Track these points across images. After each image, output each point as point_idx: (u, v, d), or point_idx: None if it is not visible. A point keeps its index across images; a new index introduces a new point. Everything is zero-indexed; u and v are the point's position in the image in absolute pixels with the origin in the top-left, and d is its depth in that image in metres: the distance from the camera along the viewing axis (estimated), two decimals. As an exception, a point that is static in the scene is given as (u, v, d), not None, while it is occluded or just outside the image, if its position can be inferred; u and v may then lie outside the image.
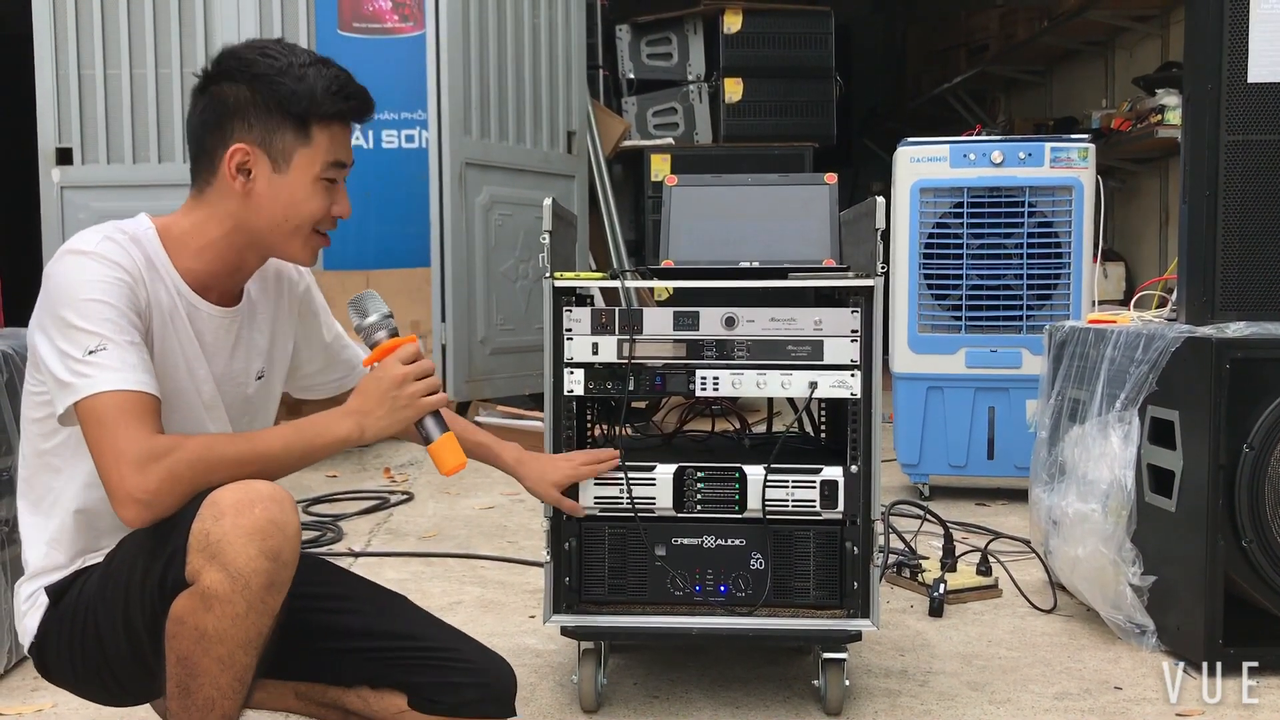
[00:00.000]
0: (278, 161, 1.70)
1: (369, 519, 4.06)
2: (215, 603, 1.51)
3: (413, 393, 1.71)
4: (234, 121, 1.69)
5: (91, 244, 1.65)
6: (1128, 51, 7.04)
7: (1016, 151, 4.02)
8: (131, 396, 1.56)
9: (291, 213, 1.72)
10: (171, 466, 1.54)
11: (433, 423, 1.75)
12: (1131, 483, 2.60)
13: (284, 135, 1.69)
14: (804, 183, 2.48)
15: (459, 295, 5.33)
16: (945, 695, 2.38)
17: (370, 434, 1.70)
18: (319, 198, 1.73)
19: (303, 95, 1.68)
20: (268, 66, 1.69)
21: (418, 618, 1.93)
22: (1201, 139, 2.55)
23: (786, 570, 2.25)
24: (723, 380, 2.24)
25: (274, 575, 1.53)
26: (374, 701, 1.86)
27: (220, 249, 1.74)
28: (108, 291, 1.61)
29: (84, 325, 1.58)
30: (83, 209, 5.38)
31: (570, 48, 6.13)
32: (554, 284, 2.23)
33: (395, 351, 1.73)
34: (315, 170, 1.72)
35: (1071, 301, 4.00)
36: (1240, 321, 2.47)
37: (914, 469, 4.24)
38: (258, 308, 1.87)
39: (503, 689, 1.88)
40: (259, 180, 1.70)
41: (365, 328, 1.78)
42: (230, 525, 1.51)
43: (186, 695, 1.56)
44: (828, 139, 6.57)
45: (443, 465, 1.74)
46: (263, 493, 1.55)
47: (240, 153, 1.69)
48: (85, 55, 5.45)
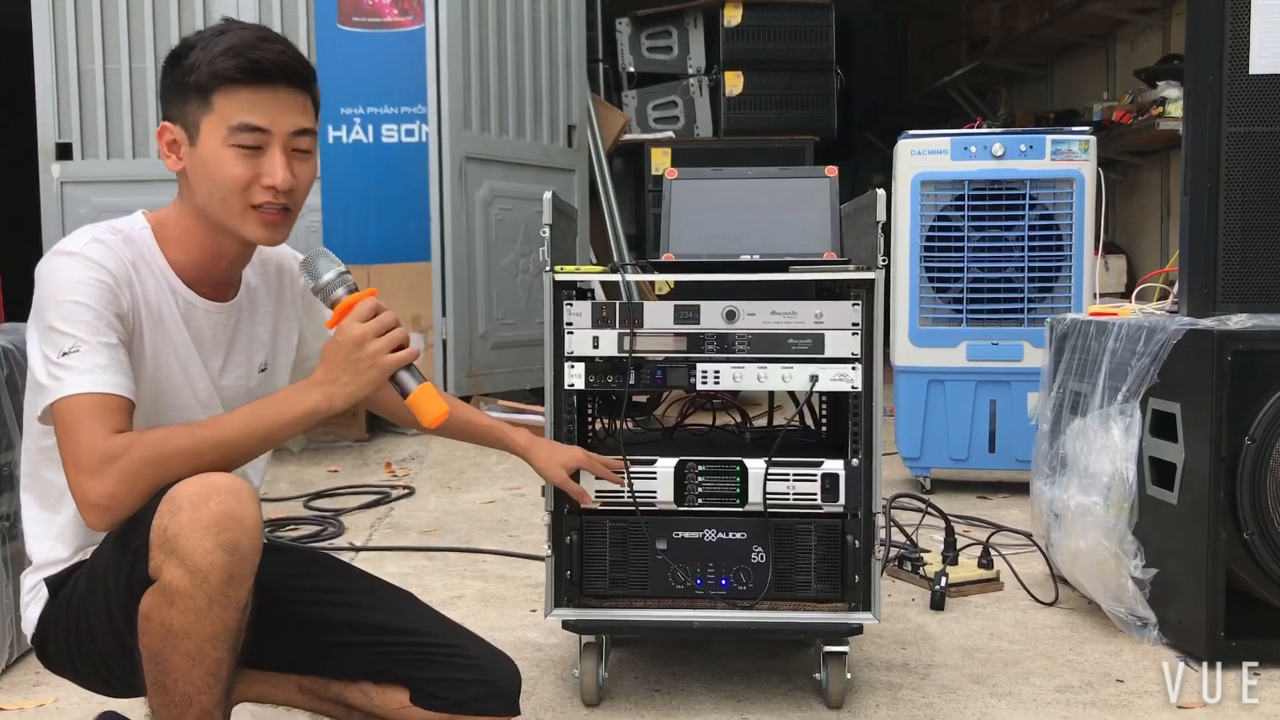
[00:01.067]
0: (191, 134, 1.68)
1: (370, 513, 4.06)
2: (177, 598, 1.51)
3: (375, 350, 1.63)
4: (161, 104, 1.71)
5: (78, 245, 1.65)
6: (1129, 44, 7.03)
7: (1017, 144, 4.01)
8: (95, 399, 1.55)
9: (213, 184, 1.66)
10: (125, 467, 1.53)
11: (407, 375, 1.65)
12: (1133, 475, 2.60)
13: (190, 106, 1.67)
14: (804, 176, 2.47)
15: (460, 290, 5.33)
16: (947, 688, 2.38)
17: (340, 401, 1.64)
18: (231, 164, 1.65)
19: (201, 63, 1.65)
20: (185, 43, 1.69)
21: (422, 613, 1.93)
22: (1203, 131, 2.55)
23: (788, 564, 2.24)
24: (723, 374, 2.23)
25: (232, 568, 1.51)
26: (376, 697, 1.86)
27: (195, 235, 1.73)
28: (87, 294, 1.60)
29: (61, 327, 1.58)
30: (83, 204, 5.38)
31: (570, 41, 6.12)
32: (554, 278, 2.22)
33: (352, 310, 1.65)
34: (220, 135, 1.65)
35: (1073, 294, 4.00)
36: (1242, 314, 2.46)
37: (915, 462, 4.24)
38: (258, 299, 1.87)
39: (506, 686, 1.88)
40: (186, 158, 1.69)
41: (322, 288, 1.68)
42: (186, 520, 1.50)
43: (163, 693, 1.56)
44: (828, 132, 6.56)
45: (424, 415, 1.65)
46: (219, 485, 1.52)
47: (165, 131, 1.69)
48: (84, 50, 5.45)
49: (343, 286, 1.68)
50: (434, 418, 1.66)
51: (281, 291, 1.91)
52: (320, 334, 1.98)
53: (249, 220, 1.69)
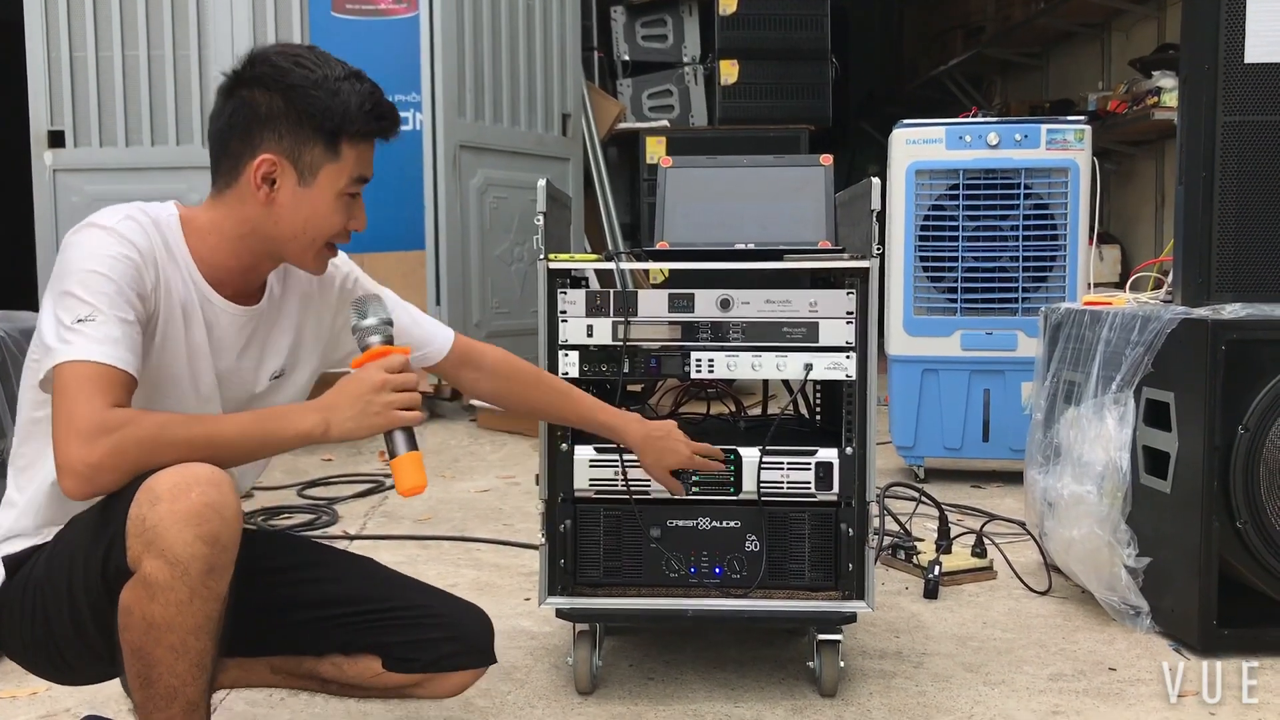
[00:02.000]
0: (304, 174, 1.68)
1: (364, 502, 4.06)
2: (158, 591, 1.49)
3: (388, 402, 1.64)
4: (264, 130, 1.67)
5: (112, 220, 1.64)
6: (1124, 33, 7.02)
7: (1012, 133, 4.01)
8: (101, 369, 1.54)
9: (310, 226, 1.71)
10: (118, 442, 1.51)
11: (402, 437, 1.67)
12: (1127, 464, 2.60)
13: (313, 149, 1.68)
14: (799, 164, 2.47)
15: (454, 278, 5.32)
16: (940, 676, 2.38)
17: (335, 432, 1.63)
18: (339, 213, 1.72)
19: (336, 111, 1.66)
20: (302, 77, 1.67)
21: (386, 579, 1.93)
22: (1198, 120, 2.54)
23: (781, 552, 2.25)
24: (718, 362, 2.23)
25: (213, 560, 1.50)
26: (348, 667, 1.86)
27: (235, 249, 1.73)
28: (113, 267, 1.60)
29: (80, 294, 1.57)
30: (76, 192, 5.36)
31: (565, 29, 6.11)
32: (548, 266, 2.22)
33: (384, 358, 1.68)
34: (340, 185, 1.70)
35: (1067, 284, 4.00)
36: (1236, 303, 2.46)
37: (909, 451, 4.25)
38: (282, 306, 1.85)
39: (478, 638, 1.89)
40: (283, 191, 1.69)
41: (361, 329, 1.74)
42: (166, 511, 1.47)
43: (148, 686, 1.54)
44: (824, 121, 6.55)
45: (400, 483, 1.66)
46: (200, 476, 1.51)
47: (267, 163, 1.67)
48: (77, 37, 5.41)
49: (380, 335, 1.73)
50: (409, 487, 1.66)
51: (310, 296, 1.88)
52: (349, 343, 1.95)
53: (320, 258, 1.76)
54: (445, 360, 2.05)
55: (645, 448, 2.17)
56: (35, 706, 2.24)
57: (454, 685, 1.90)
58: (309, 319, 1.89)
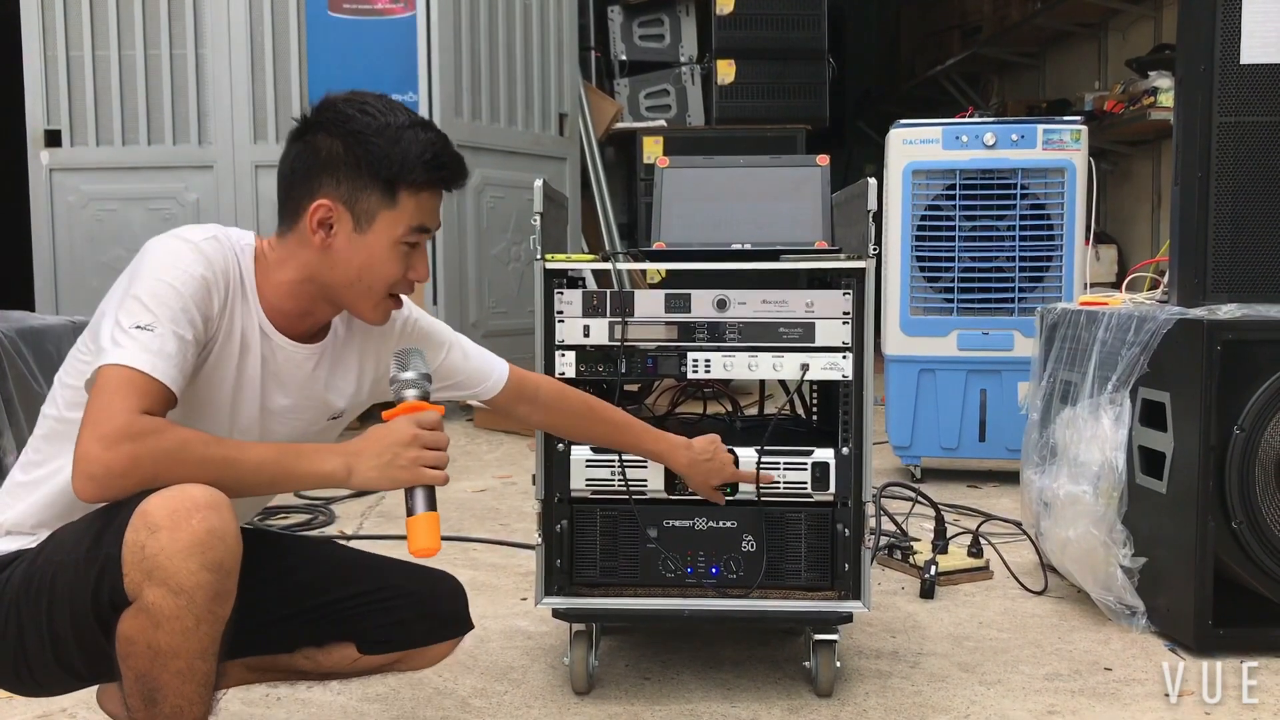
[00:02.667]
0: (360, 221, 1.67)
1: (361, 502, 4.06)
2: (163, 620, 1.46)
3: (415, 458, 1.62)
4: (322, 175, 1.66)
5: (197, 236, 1.64)
6: (1120, 33, 7.03)
7: (1009, 134, 4.02)
8: (144, 379, 1.51)
9: (366, 273, 1.69)
10: (139, 450, 1.48)
11: (422, 495, 1.64)
12: (1122, 464, 2.61)
13: (370, 196, 1.66)
14: (796, 164, 2.48)
15: (451, 278, 5.32)
16: (936, 676, 2.39)
17: (357, 479, 1.61)
18: (396, 262, 1.70)
19: (395, 159, 1.65)
20: (364, 124, 1.66)
21: (348, 562, 1.91)
22: (1194, 121, 2.55)
23: (778, 552, 2.25)
24: (714, 362, 2.23)
25: (219, 586, 1.48)
26: (323, 659, 1.86)
27: (293, 291, 1.71)
28: (186, 282, 1.59)
29: (145, 301, 1.56)
30: (72, 191, 5.35)
31: (562, 29, 6.11)
32: (545, 266, 2.22)
33: (416, 413, 1.66)
34: (396, 234, 1.68)
35: (1063, 284, 4.01)
36: (1232, 303, 2.47)
37: (906, 451, 4.25)
38: (346, 346, 1.83)
39: (451, 610, 1.89)
40: (339, 237, 1.67)
41: (399, 382, 1.70)
42: (167, 540, 1.44)
43: (153, 705, 1.51)
44: (820, 121, 6.55)
45: (413, 542, 1.62)
46: (198, 500, 1.47)
47: (323, 208, 1.66)
48: (73, 36, 5.41)
49: (417, 389, 1.69)
50: (421, 549, 1.63)
51: (370, 339, 1.86)
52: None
53: (379, 308, 1.74)
54: (500, 395, 2.03)
55: (692, 473, 2.21)
56: (31, 706, 2.24)
57: (435, 655, 1.90)
58: (369, 360, 1.87)
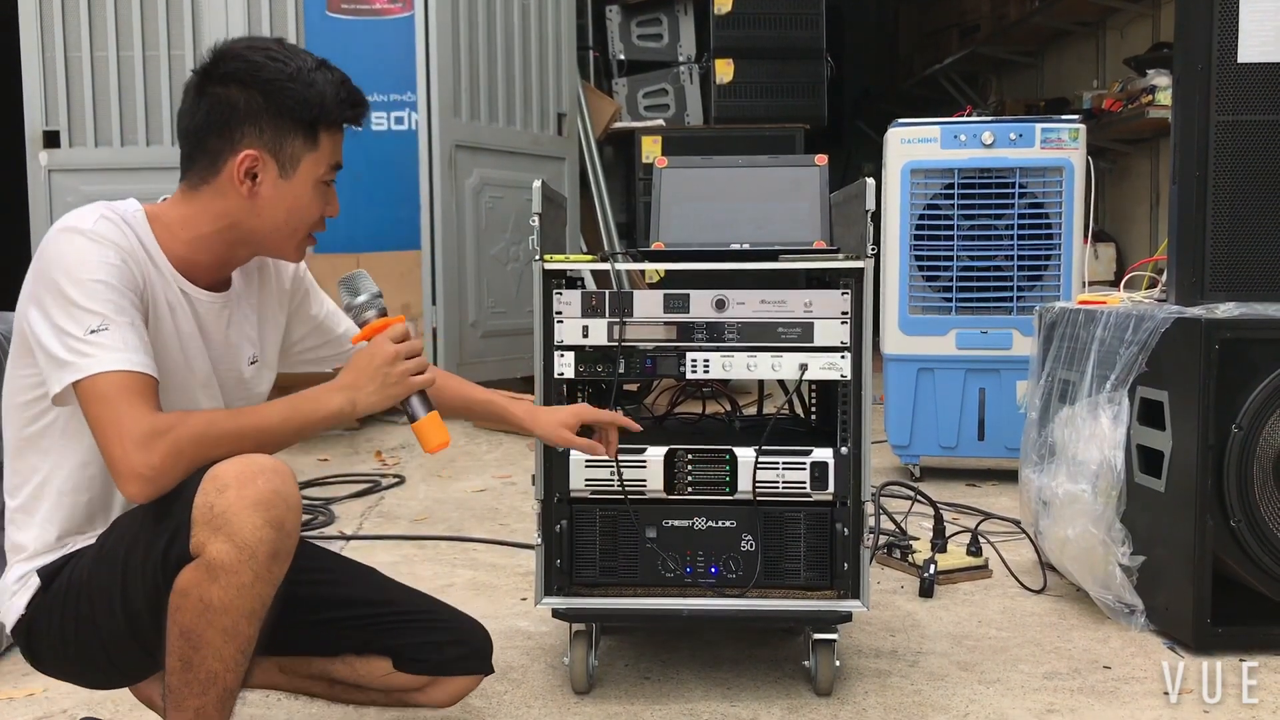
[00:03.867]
0: (285, 167, 1.72)
1: (360, 502, 4.06)
2: (221, 573, 1.53)
3: (403, 370, 1.72)
4: (244, 126, 1.70)
5: (89, 222, 1.66)
6: (1119, 32, 7.03)
7: (1007, 132, 4.02)
8: (133, 377, 1.58)
9: (293, 217, 1.76)
10: (174, 442, 1.56)
11: (418, 401, 1.76)
12: (1121, 463, 2.61)
13: (294, 141, 1.72)
14: (794, 164, 2.48)
15: (450, 278, 5.32)
16: (935, 675, 2.39)
17: (361, 408, 1.72)
18: (318, 201, 1.77)
19: (313, 102, 1.71)
20: (277, 71, 1.70)
21: (391, 585, 2.01)
22: (1191, 119, 2.55)
23: (777, 552, 2.25)
24: (713, 362, 2.24)
25: (279, 544, 1.56)
26: (360, 667, 1.92)
27: (211, 243, 1.76)
28: (109, 272, 1.62)
29: (85, 304, 1.59)
30: (71, 192, 5.35)
31: (560, 29, 6.10)
32: (543, 267, 2.22)
33: (386, 330, 1.75)
34: (319, 174, 1.75)
35: (1062, 282, 4.01)
36: (1230, 302, 2.47)
37: (905, 450, 4.25)
38: (243, 295, 1.89)
39: (481, 646, 1.97)
40: (265, 185, 1.72)
41: (355, 306, 1.80)
42: (235, 497, 1.53)
43: (188, 669, 1.57)
44: (819, 120, 6.55)
45: (427, 443, 1.76)
46: (265, 465, 1.57)
47: (250, 158, 1.70)
48: (71, 37, 5.40)
49: (374, 308, 1.80)
50: (435, 445, 1.76)
51: (264, 286, 1.93)
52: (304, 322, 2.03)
53: (300, 247, 1.82)
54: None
55: (535, 413, 2.13)
56: (32, 707, 2.25)
57: (454, 692, 1.96)
58: (268, 306, 1.94)
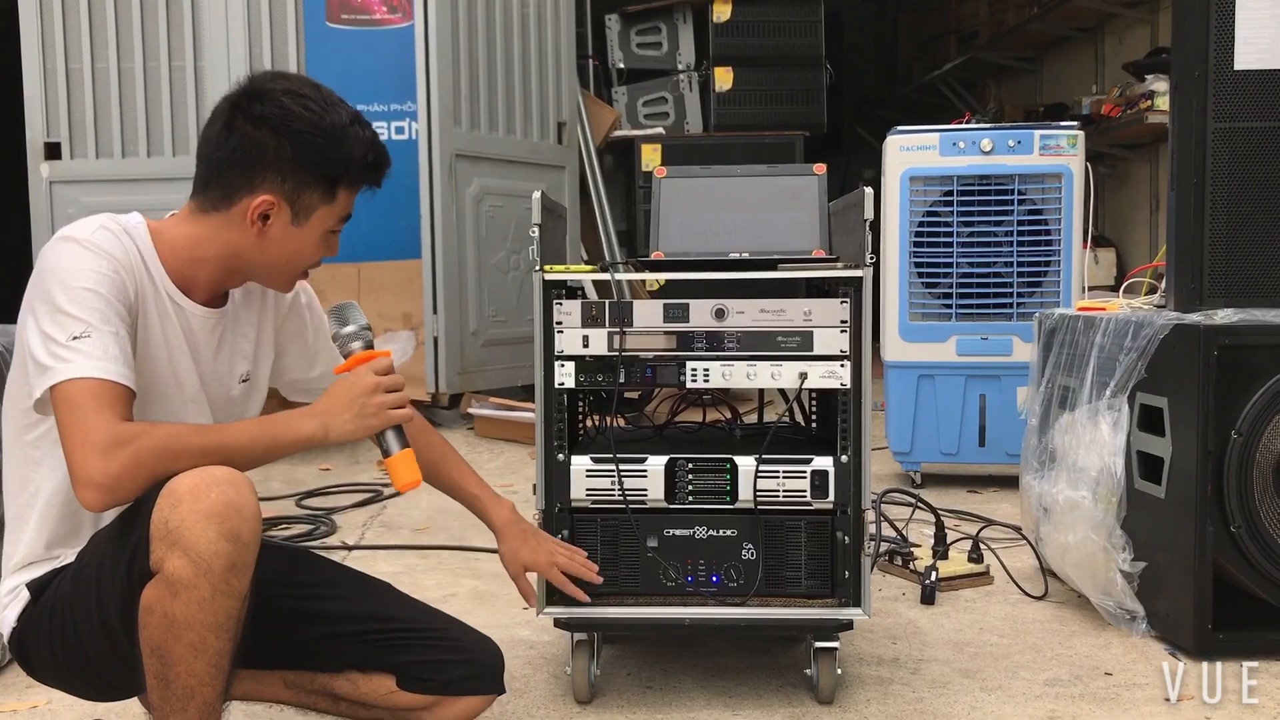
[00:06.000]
0: (298, 215, 1.74)
1: (362, 512, 4.07)
2: (180, 588, 1.52)
3: (381, 403, 1.72)
4: (266, 172, 1.71)
5: (86, 232, 1.67)
6: (1117, 37, 7.04)
7: (1006, 139, 4.02)
8: (106, 385, 1.58)
9: (294, 260, 1.79)
10: (135, 453, 1.55)
11: (394, 436, 1.75)
12: (1121, 469, 2.61)
13: (312, 194, 1.74)
14: (793, 173, 2.48)
15: (450, 287, 5.33)
16: (937, 682, 2.39)
17: (334, 436, 1.70)
18: (322, 248, 1.80)
19: (340, 161, 1.72)
20: (311, 124, 1.70)
21: (401, 601, 1.97)
22: (1189, 126, 2.56)
23: (778, 560, 2.25)
24: (713, 371, 2.24)
25: (235, 557, 1.54)
26: (363, 684, 1.89)
27: (209, 266, 1.77)
28: (99, 281, 1.63)
29: (72, 311, 1.60)
30: (72, 204, 5.36)
31: (560, 37, 6.12)
32: (544, 277, 2.23)
33: (371, 361, 1.75)
34: (328, 226, 1.78)
35: (1062, 289, 4.02)
36: (1228, 308, 2.48)
37: (906, 457, 4.26)
38: (241, 313, 1.89)
39: (490, 665, 1.92)
40: (275, 228, 1.74)
41: (342, 336, 1.80)
42: (188, 510, 1.52)
43: (165, 686, 1.57)
44: (818, 127, 6.56)
45: (397, 480, 1.75)
46: (218, 477, 1.55)
47: (266, 204, 1.71)
48: (72, 49, 5.42)
49: (361, 340, 1.80)
50: (406, 483, 1.76)
51: (264, 307, 1.94)
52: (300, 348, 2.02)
53: (291, 284, 1.85)
54: None
55: (509, 532, 2.12)
56: (36, 719, 2.25)
57: (462, 712, 1.90)
58: (266, 327, 1.94)
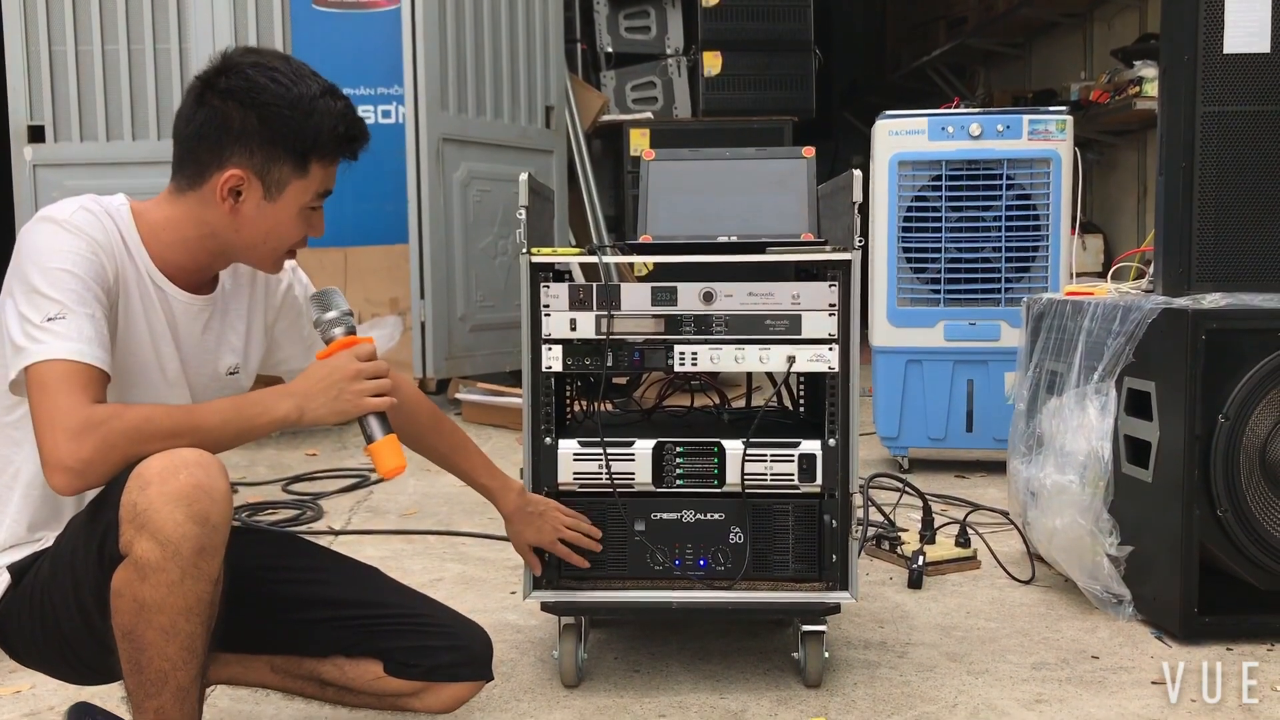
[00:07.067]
0: (270, 190, 1.71)
1: (349, 497, 4.06)
2: (149, 572, 1.51)
3: (360, 389, 1.70)
4: (235, 146, 1.68)
5: (65, 213, 1.65)
6: (1106, 23, 7.04)
7: (994, 124, 4.02)
8: (78, 367, 1.55)
9: (272, 238, 1.75)
10: (105, 435, 1.53)
11: (376, 422, 1.73)
12: (1108, 454, 2.62)
13: (282, 167, 1.70)
14: (782, 157, 2.47)
15: (438, 272, 5.31)
16: (924, 666, 2.39)
17: (309, 418, 1.68)
18: (300, 225, 1.76)
19: (309, 133, 1.69)
20: (277, 95, 1.68)
21: (389, 586, 1.96)
22: (1178, 110, 2.55)
23: (765, 544, 2.25)
24: (701, 355, 2.23)
25: (204, 539, 1.52)
26: (350, 670, 1.88)
27: (191, 248, 1.75)
28: (76, 262, 1.61)
29: (47, 292, 1.58)
30: (56, 187, 5.33)
31: (547, 21, 6.09)
32: (531, 260, 2.22)
33: (354, 347, 1.73)
34: (304, 201, 1.74)
35: (1050, 274, 4.02)
36: (1216, 293, 2.48)
37: (893, 442, 4.26)
38: (232, 302, 1.87)
39: (478, 651, 1.92)
40: (247, 204, 1.71)
41: (324, 322, 1.78)
42: (156, 493, 1.50)
43: (139, 670, 1.56)
44: (807, 112, 6.55)
45: (381, 465, 1.72)
46: (188, 459, 1.53)
47: (235, 178, 1.69)
48: (56, 31, 5.38)
49: (342, 325, 1.77)
50: (390, 469, 1.72)
51: (254, 296, 1.92)
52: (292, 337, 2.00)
53: (276, 263, 1.81)
54: None
55: (515, 518, 2.18)
56: (19, 704, 2.24)
57: (449, 698, 1.90)
58: (256, 321, 1.92)
